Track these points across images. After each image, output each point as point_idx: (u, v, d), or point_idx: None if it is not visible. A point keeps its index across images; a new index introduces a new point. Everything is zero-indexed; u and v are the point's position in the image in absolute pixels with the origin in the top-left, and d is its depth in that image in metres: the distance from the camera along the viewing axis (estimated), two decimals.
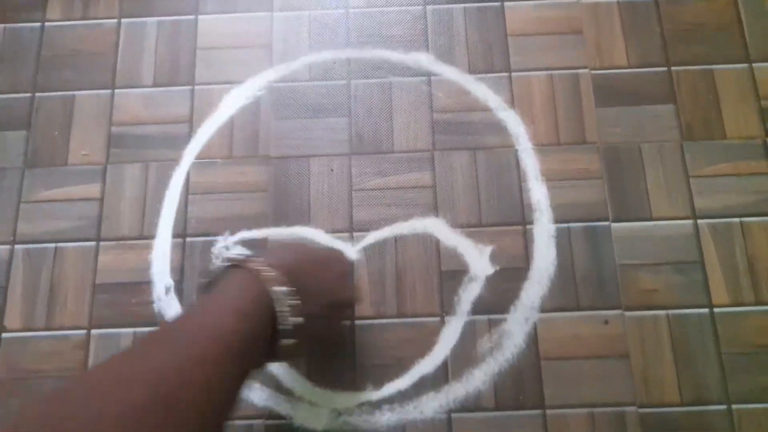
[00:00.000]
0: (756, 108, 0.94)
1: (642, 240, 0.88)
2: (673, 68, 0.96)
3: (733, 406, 0.81)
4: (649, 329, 0.85)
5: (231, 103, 0.97)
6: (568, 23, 0.99)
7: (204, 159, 0.94)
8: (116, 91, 0.98)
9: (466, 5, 1.01)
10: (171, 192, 0.93)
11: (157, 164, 0.94)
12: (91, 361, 0.85)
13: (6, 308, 0.88)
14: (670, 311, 0.85)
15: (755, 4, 0.99)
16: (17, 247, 0.91)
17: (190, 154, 0.94)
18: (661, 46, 0.97)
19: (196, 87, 0.98)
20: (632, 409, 0.82)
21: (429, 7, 1.01)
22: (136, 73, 0.99)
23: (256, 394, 0.83)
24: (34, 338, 0.86)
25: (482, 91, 0.96)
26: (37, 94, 0.98)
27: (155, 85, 0.98)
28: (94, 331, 0.87)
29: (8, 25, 1.02)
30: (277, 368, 0.85)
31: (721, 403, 0.82)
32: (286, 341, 0.55)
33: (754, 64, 0.96)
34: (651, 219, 0.89)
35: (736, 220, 0.89)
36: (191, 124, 0.96)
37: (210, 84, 0.98)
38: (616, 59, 0.97)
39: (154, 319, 0.86)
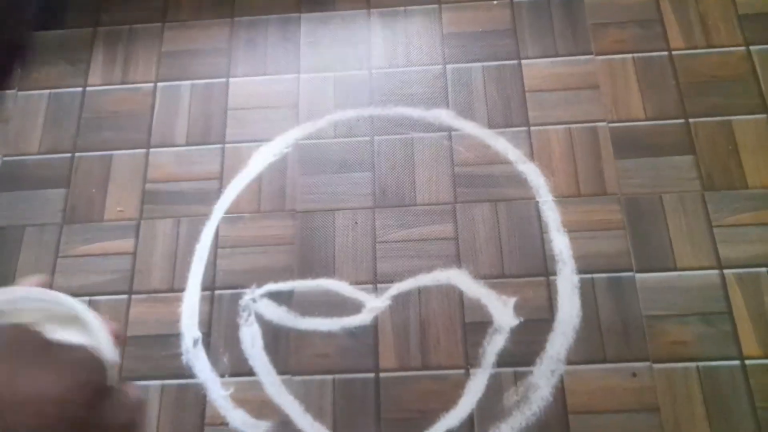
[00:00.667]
0: None
1: (667, 290, 0.88)
2: (690, 120, 0.98)
3: None
4: (679, 382, 0.83)
5: (259, 160, 1.01)
6: (584, 78, 1.02)
7: (233, 214, 0.98)
8: (151, 150, 1.03)
9: (485, 64, 1.05)
10: (201, 246, 0.96)
11: (188, 219, 0.98)
12: None
13: None
14: (700, 363, 0.84)
15: None
16: None
17: (219, 209, 0.98)
18: (677, 98, 0.99)
19: (227, 145, 1.02)
20: None
21: (449, 66, 1.05)
22: (170, 132, 1.04)
23: None
24: None
25: (502, 144, 0.99)
26: (77, 154, 1.04)
27: (188, 143, 1.03)
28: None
29: (53, 91, 1.09)
30: (302, 422, 0.85)
31: None
32: None
33: None
34: (675, 269, 0.89)
35: (763, 269, 0.88)
36: (221, 180, 1.00)
37: (240, 142, 1.02)
38: (633, 112, 0.99)
39: (182, 371, 0.88)
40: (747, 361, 0.84)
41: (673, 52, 1.02)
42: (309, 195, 0.98)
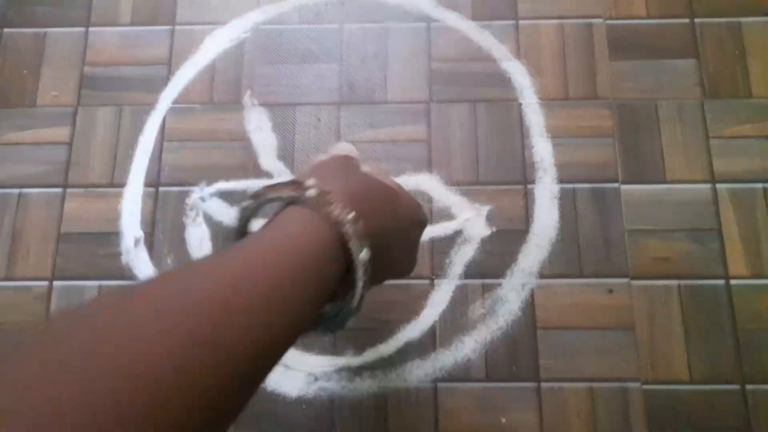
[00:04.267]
0: None
1: (654, 204, 0.81)
2: (696, 20, 0.88)
3: (747, 387, 0.74)
4: (658, 300, 0.77)
5: (213, 45, 0.90)
6: None
7: (182, 104, 0.87)
8: (91, 29, 0.91)
9: None
10: (145, 138, 0.86)
11: (131, 108, 0.87)
12: (51, 314, 0.79)
13: None
14: (683, 281, 0.78)
15: None
16: None
17: (167, 98, 0.88)
18: None
19: (177, 27, 0.91)
20: (636, 385, 0.75)
21: None
22: (113, 10, 0.92)
23: None
24: None
25: (486, 39, 0.88)
26: (6, 30, 0.91)
27: (133, 23, 0.91)
28: (56, 283, 0.80)
29: None
30: None
31: (734, 383, 0.74)
32: (360, 292, 0.38)
33: None
34: (665, 182, 0.82)
35: (759, 185, 0.81)
36: (170, 66, 0.89)
37: (192, 24, 0.91)
38: (634, 8, 0.89)
39: (121, 272, 0.80)
40: (732, 281, 0.78)
41: None
42: (267, 87, 0.88)
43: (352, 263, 0.37)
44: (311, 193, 0.37)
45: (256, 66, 0.89)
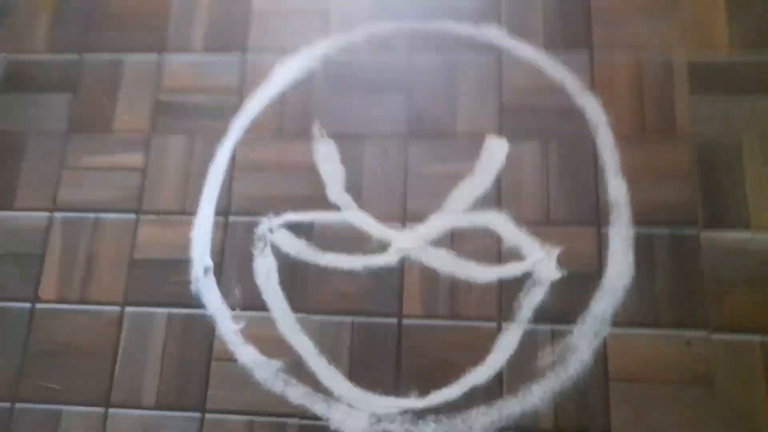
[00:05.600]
0: None
1: (737, 252, 0.77)
2: None
3: None
4: (739, 355, 0.74)
5: (284, 74, 0.90)
6: None
7: (253, 134, 0.88)
8: (165, 55, 0.93)
9: None
10: (216, 166, 0.87)
11: (203, 136, 0.89)
12: (123, 340, 0.81)
13: (42, 278, 0.85)
14: (766, 337, 0.74)
15: None
16: (56, 215, 0.87)
17: (238, 127, 0.88)
18: None
19: (249, 54, 0.91)
20: None
21: None
22: (187, 35, 0.93)
23: (291, 390, 0.77)
24: (67, 311, 0.83)
25: (559, 71, 0.86)
26: (85, 55, 0.94)
27: (206, 50, 0.92)
28: (128, 309, 0.82)
29: None
30: (316, 364, 0.78)
31: None
32: None
33: None
34: (749, 227, 0.77)
35: None
36: (241, 95, 0.90)
37: (263, 51, 0.91)
38: (715, 39, 0.85)
39: (190, 300, 0.82)
40: None
41: None
42: (336, 118, 0.87)
43: None
44: None
45: (325, 96, 0.88)
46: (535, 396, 0.75)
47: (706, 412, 0.72)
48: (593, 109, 0.84)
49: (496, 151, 0.83)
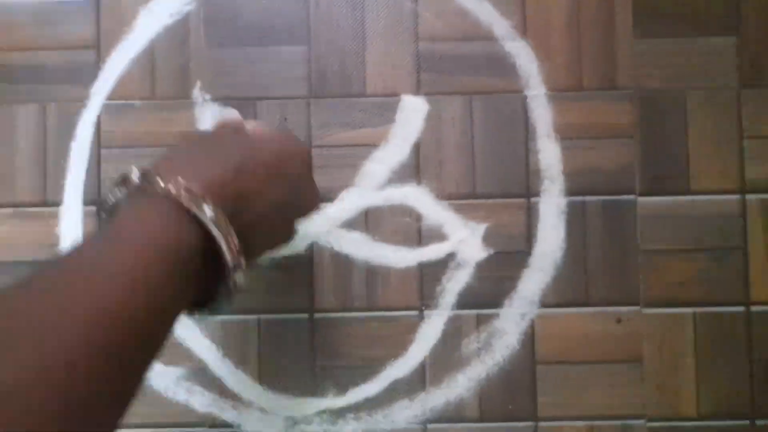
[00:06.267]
0: None
1: (675, 219, 0.71)
2: None
3: (758, 422, 0.69)
4: (670, 330, 0.70)
5: (150, 21, 0.72)
6: None
7: (119, 100, 0.72)
8: None
9: None
10: (78, 144, 0.72)
11: (57, 106, 0.72)
12: None
13: None
14: (698, 309, 0.70)
15: None
16: None
17: (99, 92, 0.72)
18: None
19: None
20: (640, 422, 0.69)
21: None
22: None
23: (196, 398, 0.70)
24: None
25: (486, 11, 0.72)
26: None
27: None
28: None
29: None
30: (220, 369, 0.70)
31: (744, 418, 0.69)
32: (239, 279, 0.38)
33: None
34: (689, 192, 0.71)
35: None
36: (98, 50, 0.73)
37: None
38: None
39: None
40: (753, 308, 0.70)
41: None
42: (221, 76, 0.72)
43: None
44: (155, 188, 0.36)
45: (203, 49, 0.72)
46: (460, 385, 0.70)
47: (634, 390, 0.70)
48: (525, 57, 0.72)
49: (412, 112, 0.71)
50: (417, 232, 0.71)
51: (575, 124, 0.71)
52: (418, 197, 0.71)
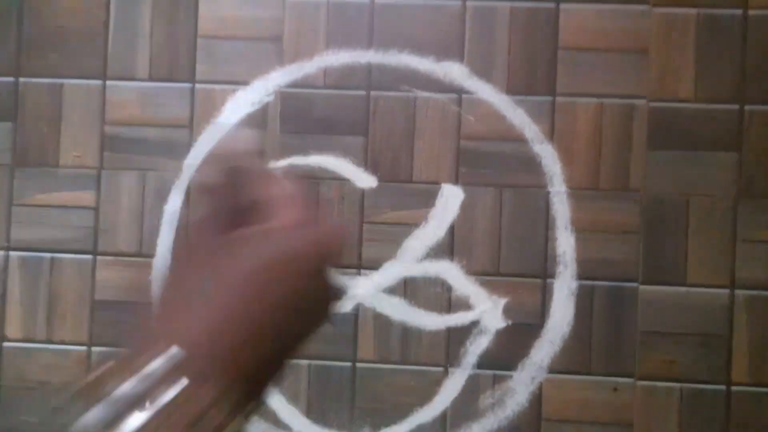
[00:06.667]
0: None
1: (671, 307, 0.82)
2: (746, 107, 0.83)
3: None
4: (659, 401, 0.82)
5: (236, 108, 0.86)
6: (632, 37, 0.84)
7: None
8: (108, 83, 0.87)
9: (514, 4, 0.84)
10: (170, 209, 0.86)
11: (155, 174, 0.87)
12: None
13: (5, 317, 0.87)
14: (685, 385, 0.82)
15: None
16: (12, 253, 0.87)
17: (190, 165, 0.86)
18: (736, 80, 0.82)
19: (197, 85, 0.87)
20: None
21: (469, 3, 0.85)
22: (131, 61, 0.87)
23: (253, 426, 0.84)
24: (35, 350, 0.86)
25: (519, 117, 0.84)
26: (21, 79, 0.88)
27: (152, 79, 0.87)
28: (95, 348, 0.86)
29: None
30: (275, 402, 0.84)
31: None
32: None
33: None
34: (685, 284, 0.82)
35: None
36: (191, 130, 0.87)
37: (212, 83, 0.87)
38: (681, 90, 0.83)
39: None
40: (733, 388, 0.81)
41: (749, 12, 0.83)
42: (291, 159, 0.86)
43: None
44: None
45: (278, 134, 0.86)
46: None
47: None
48: (550, 158, 0.84)
49: (450, 199, 0.84)
50: (447, 301, 0.84)
51: (589, 220, 0.83)
52: (450, 271, 0.84)
